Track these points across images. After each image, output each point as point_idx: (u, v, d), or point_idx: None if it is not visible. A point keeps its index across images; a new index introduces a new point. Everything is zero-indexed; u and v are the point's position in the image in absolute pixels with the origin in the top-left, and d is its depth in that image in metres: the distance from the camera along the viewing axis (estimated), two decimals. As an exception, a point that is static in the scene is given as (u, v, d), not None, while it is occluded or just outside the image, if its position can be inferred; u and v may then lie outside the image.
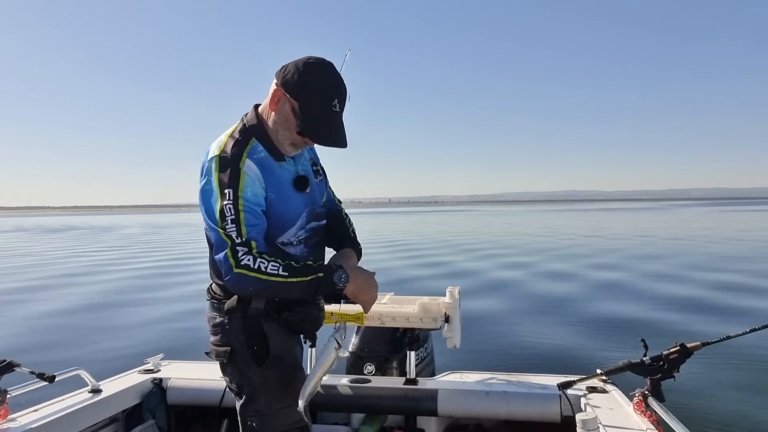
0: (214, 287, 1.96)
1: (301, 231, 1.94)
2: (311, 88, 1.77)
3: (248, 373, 1.88)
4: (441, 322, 2.81)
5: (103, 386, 2.69)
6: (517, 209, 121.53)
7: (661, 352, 2.30)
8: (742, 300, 9.90)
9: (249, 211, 1.75)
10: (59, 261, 17.01)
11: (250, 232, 1.74)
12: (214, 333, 1.93)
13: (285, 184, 1.88)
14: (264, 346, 1.86)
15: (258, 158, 1.82)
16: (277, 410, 1.88)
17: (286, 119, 1.81)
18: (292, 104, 1.79)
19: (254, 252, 1.72)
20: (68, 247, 23.97)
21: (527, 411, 2.58)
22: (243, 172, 1.76)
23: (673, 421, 2.02)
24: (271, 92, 1.84)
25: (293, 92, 1.78)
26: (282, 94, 1.80)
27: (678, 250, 19.67)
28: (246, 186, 1.76)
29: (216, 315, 1.92)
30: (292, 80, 1.78)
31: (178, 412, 2.87)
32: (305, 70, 1.78)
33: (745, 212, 64.56)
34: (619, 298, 10.19)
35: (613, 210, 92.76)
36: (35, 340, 7.34)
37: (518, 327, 7.91)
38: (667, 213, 68.88)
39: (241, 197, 1.74)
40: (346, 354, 3.00)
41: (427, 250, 20.53)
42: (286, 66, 1.82)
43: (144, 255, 17.63)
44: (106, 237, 33.76)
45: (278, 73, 1.82)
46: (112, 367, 3.24)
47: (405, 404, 2.72)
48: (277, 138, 1.86)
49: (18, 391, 2.30)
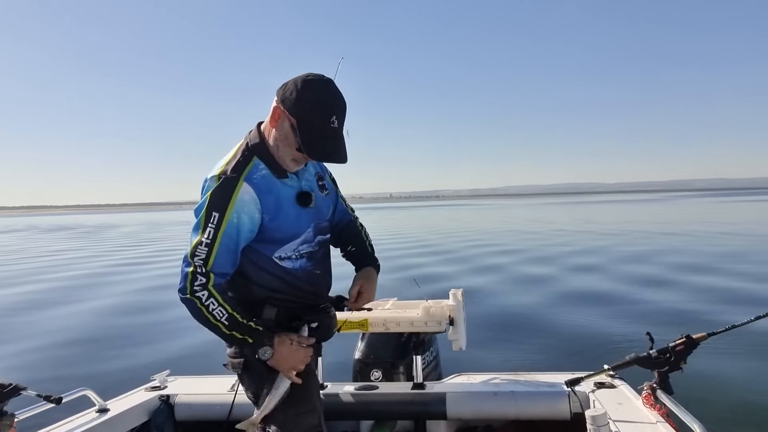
0: None
1: (305, 245, 1.97)
2: (309, 106, 1.80)
3: (264, 382, 1.93)
4: (446, 325, 2.80)
5: (110, 405, 2.68)
6: (517, 203, 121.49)
7: (668, 345, 2.30)
8: (746, 288, 9.90)
9: (225, 243, 1.80)
10: (59, 267, 17.00)
11: (216, 264, 1.80)
12: (229, 345, 1.97)
13: (286, 201, 1.92)
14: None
15: (258, 178, 1.86)
16: (294, 416, 1.93)
17: (286, 136, 1.84)
18: (291, 121, 1.82)
19: (209, 287, 1.78)
20: (66, 250, 23.85)
21: (536, 410, 2.58)
22: (236, 197, 1.80)
23: (683, 413, 2.02)
24: (272, 109, 1.87)
25: (292, 110, 1.81)
26: (282, 111, 1.83)
27: (679, 241, 19.66)
28: (234, 213, 1.80)
29: None
30: (291, 98, 1.81)
31: (186, 428, 2.86)
32: (303, 87, 1.80)
33: (747, 202, 64.53)
34: (622, 292, 10.18)
35: (614, 202, 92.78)
36: (40, 360, 7.32)
37: (522, 326, 7.90)
38: (669, 204, 68.88)
39: (225, 225, 1.79)
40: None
41: (426, 247, 20.53)
42: (285, 84, 1.85)
43: (147, 260, 17.66)
44: (108, 235, 33.58)
45: (279, 91, 1.85)
46: (118, 383, 3.23)
47: (414, 409, 2.72)
48: (279, 155, 1.89)
49: (25, 415, 2.30)
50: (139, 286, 14.10)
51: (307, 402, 1.95)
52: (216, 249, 1.78)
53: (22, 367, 6.91)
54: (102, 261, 21.11)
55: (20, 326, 9.69)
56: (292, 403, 1.93)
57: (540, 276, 12.77)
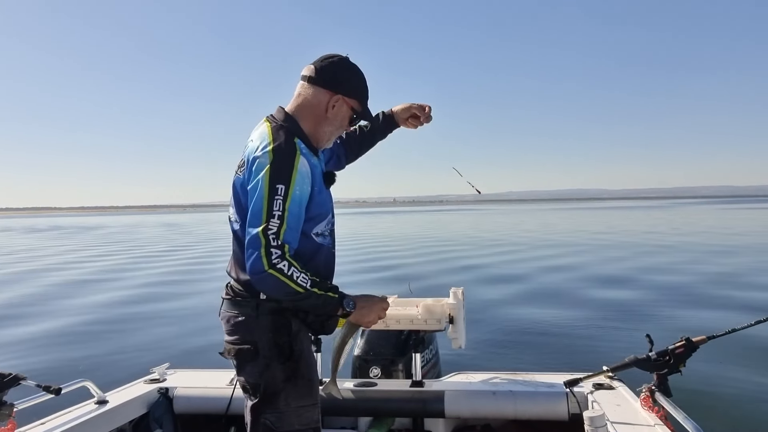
0: (236, 285, 1.97)
1: (330, 224, 2.04)
2: (362, 86, 2.05)
3: (273, 370, 1.89)
4: (445, 323, 2.80)
5: (109, 397, 2.69)
6: (521, 208, 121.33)
7: (667, 347, 2.29)
8: (747, 293, 9.86)
9: (292, 214, 1.80)
10: (61, 266, 17.06)
11: (288, 235, 1.78)
12: (235, 331, 1.94)
13: (320, 178, 1.98)
14: (290, 342, 1.91)
15: (306, 153, 1.91)
16: (296, 408, 1.91)
17: (343, 117, 2.01)
18: (350, 104, 2.00)
19: (287, 257, 1.77)
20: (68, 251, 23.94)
21: (535, 410, 2.57)
22: (296, 168, 1.82)
23: (681, 415, 2.01)
24: (319, 99, 1.96)
25: (352, 93, 2.01)
26: (340, 98, 1.98)
27: (682, 246, 19.60)
28: (296, 184, 1.81)
29: (238, 312, 1.93)
30: (349, 84, 2.00)
31: (184, 421, 2.87)
32: (352, 71, 2.01)
33: (754, 210, 64.26)
34: (622, 294, 10.16)
35: (619, 208, 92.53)
36: (40, 350, 7.35)
37: (522, 325, 7.89)
38: (674, 211, 68.66)
39: (290, 196, 1.79)
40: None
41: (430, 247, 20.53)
42: (325, 69, 1.97)
43: (147, 258, 17.75)
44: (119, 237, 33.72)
45: (320, 77, 1.96)
46: (117, 375, 3.25)
47: (412, 406, 2.72)
48: (319, 134, 2.00)
49: (24, 405, 2.30)
50: (141, 281, 14.15)
51: (311, 396, 1.95)
52: (286, 220, 1.77)
53: (21, 358, 6.94)
54: (106, 259, 21.19)
55: (22, 318, 9.74)
56: (296, 395, 1.91)
57: (540, 276, 12.77)
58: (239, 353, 1.93)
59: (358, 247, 22.64)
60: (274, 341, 1.89)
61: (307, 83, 1.98)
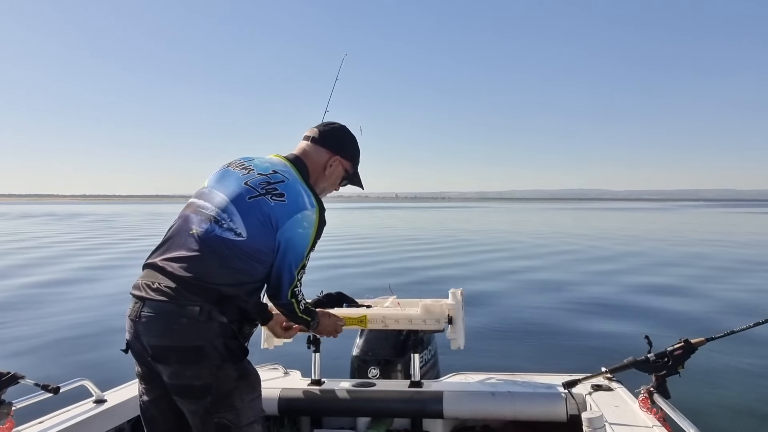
0: (196, 288, 1.94)
1: None
2: (358, 153, 2.36)
3: (225, 370, 1.94)
4: (444, 323, 2.79)
5: (107, 396, 2.68)
6: (525, 207, 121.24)
7: (666, 349, 2.29)
8: (747, 296, 9.85)
9: None
10: (63, 256, 16.98)
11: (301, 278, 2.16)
12: (177, 333, 1.91)
13: None
14: (240, 343, 2.03)
15: None
16: (249, 402, 1.99)
17: (336, 177, 2.30)
18: (345, 166, 2.30)
19: (299, 296, 2.18)
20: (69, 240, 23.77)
21: (533, 411, 2.57)
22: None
23: (680, 417, 2.01)
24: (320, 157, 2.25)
25: (350, 158, 2.32)
26: (337, 159, 2.27)
27: (682, 246, 19.57)
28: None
29: (183, 315, 1.91)
30: (348, 150, 2.31)
31: None
32: (351, 140, 2.34)
33: (755, 215, 64.20)
34: (621, 296, 10.15)
35: (622, 210, 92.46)
36: (38, 349, 7.34)
37: (522, 325, 7.89)
38: (675, 214, 68.60)
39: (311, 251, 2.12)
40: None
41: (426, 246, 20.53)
42: (331, 135, 2.28)
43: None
44: (116, 225, 33.47)
45: (328, 143, 2.25)
46: (116, 374, 3.24)
47: (410, 407, 2.71)
48: (319, 189, 2.23)
49: (23, 404, 2.29)
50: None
51: (258, 386, 2.07)
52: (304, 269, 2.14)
53: (20, 356, 6.94)
54: (105, 251, 21.14)
55: (20, 315, 9.72)
56: (249, 389, 2.00)
57: (540, 277, 12.75)
58: (182, 356, 1.91)
59: (361, 243, 22.63)
60: (225, 344, 1.94)
61: (310, 143, 2.26)
